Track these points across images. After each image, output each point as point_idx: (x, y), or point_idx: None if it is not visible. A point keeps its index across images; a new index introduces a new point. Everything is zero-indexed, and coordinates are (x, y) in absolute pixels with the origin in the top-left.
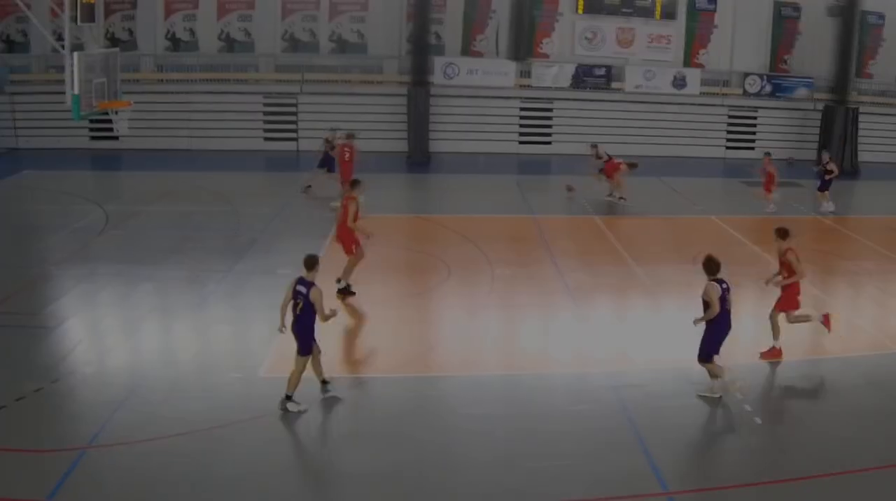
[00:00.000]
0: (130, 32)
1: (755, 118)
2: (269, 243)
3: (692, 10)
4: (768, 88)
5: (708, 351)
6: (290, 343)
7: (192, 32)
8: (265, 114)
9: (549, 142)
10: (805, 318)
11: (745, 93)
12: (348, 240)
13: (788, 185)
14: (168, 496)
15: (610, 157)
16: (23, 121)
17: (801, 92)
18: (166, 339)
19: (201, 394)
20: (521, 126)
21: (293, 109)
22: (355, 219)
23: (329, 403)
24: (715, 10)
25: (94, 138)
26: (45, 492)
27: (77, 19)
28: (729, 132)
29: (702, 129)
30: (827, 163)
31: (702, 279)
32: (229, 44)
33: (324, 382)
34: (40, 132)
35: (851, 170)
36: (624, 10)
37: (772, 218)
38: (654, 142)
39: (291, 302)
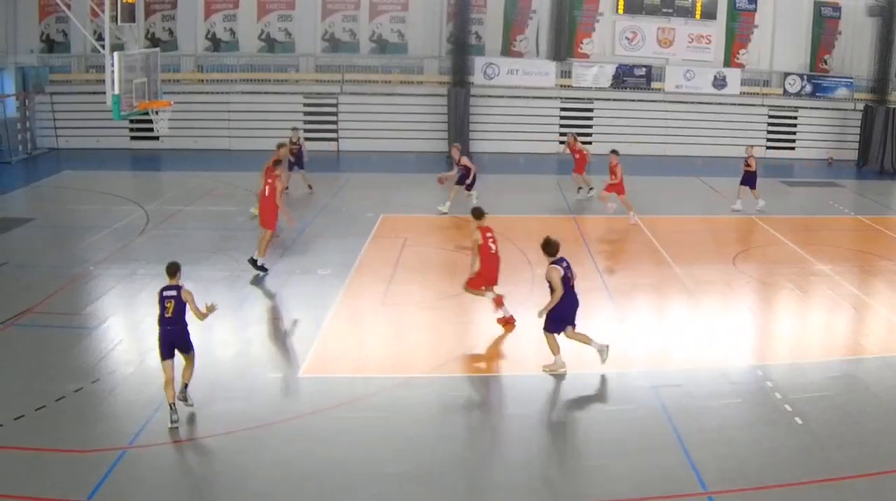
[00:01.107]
0: (171, 32)
1: (795, 118)
2: (308, 243)
3: (732, 10)
4: (808, 88)
5: (552, 325)
6: (330, 343)
7: (232, 32)
8: (305, 114)
9: (589, 142)
10: (480, 293)
11: (786, 93)
12: (271, 216)
13: (828, 185)
14: (207, 496)
15: (581, 150)
16: (63, 121)
17: (842, 92)
18: (206, 339)
19: (241, 394)
20: (562, 126)
21: (333, 109)
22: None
23: (369, 403)
24: (755, 10)
25: (134, 138)
26: (85, 492)
27: (117, 19)
28: (769, 132)
29: (742, 129)
30: (748, 158)
31: (741, 279)
32: (269, 44)
33: (185, 387)
34: (80, 132)
35: (893, 171)
36: (664, 10)
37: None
38: (694, 142)
39: (160, 311)
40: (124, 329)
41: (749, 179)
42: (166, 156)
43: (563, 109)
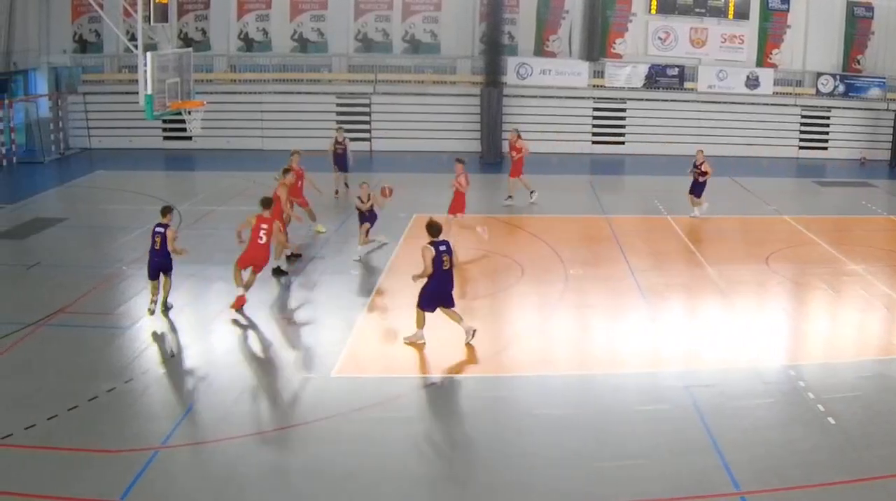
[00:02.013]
0: (203, 32)
1: (828, 118)
2: (341, 243)
3: (765, 10)
4: (841, 88)
5: (425, 303)
6: (361, 343)
7: (264, 33)
8: (338, 114)
9: (622, 142)
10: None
11: (818, 93)
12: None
13: (860, 185)
14: (240, 496)
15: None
16: (95, 122)
17: (875, 92)
18: (238, 339)
19: (273, 394)
20: (594, 126)
21: (366, 110)
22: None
23: (400, 404)
24: (788, 10)
25: (166, 138)
26: (118, 492)
27: (150, 19)
28: (802, 132)
29: (775, 129)
30: (702, 163)
31: (774, 279)
32: (302, 44)
33: (166, 298)
34: (113, 132)
35: None
36: (697, 10)
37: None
38: (727, 142)
39: (150, 243)
40: (157, 328)
41: (700, 187)
42: (199, 156)
43: (595, 109)
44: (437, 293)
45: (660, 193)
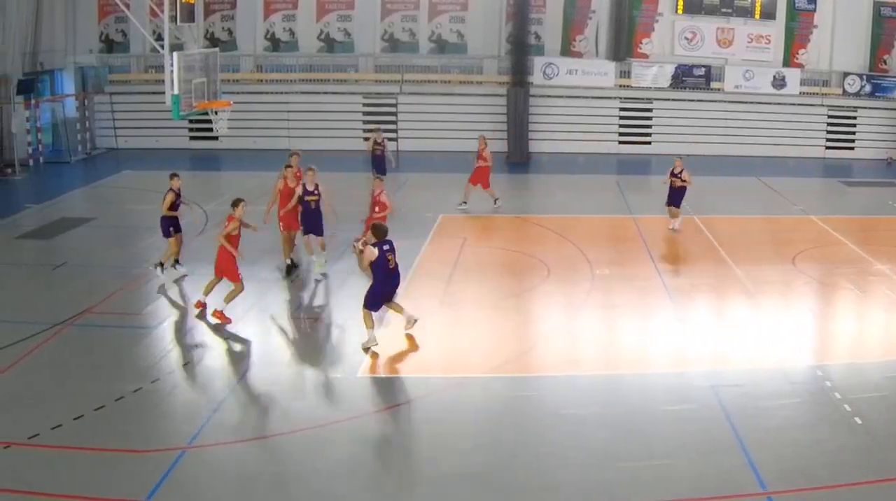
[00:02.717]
0: (230, 32)
1: (855, 118)
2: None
3: (792, 10)
4: (868, 88)
5: (370, 303)
6: (388, 343)
7: (291, 32)
8: (364, 114)
9: (648, 142)
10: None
11: (845, 93)
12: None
13: (887, 185)
14: (266, 496)
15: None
16: (122, 121)
17: None
18: (265, 339)
19: (300, 395)
20: (621, 126)
21: (393, 109)
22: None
23: (427, 404)
24: (814, 10)
25: (193, 138)
26: (145, 492)
27: (177, 19)
28: (828, 132)
29: (801, 129)
30: (681, 171)
31: (800, 279)
32: (329, 44)
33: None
34: (139, 132)
35: None
36: (723, 9)
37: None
38: (754, 142)
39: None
40: (184, 328)
41: (678, 196)
42: (225, 156)
43: (622, 109)
44: (381, 293)
45: (686, 193)
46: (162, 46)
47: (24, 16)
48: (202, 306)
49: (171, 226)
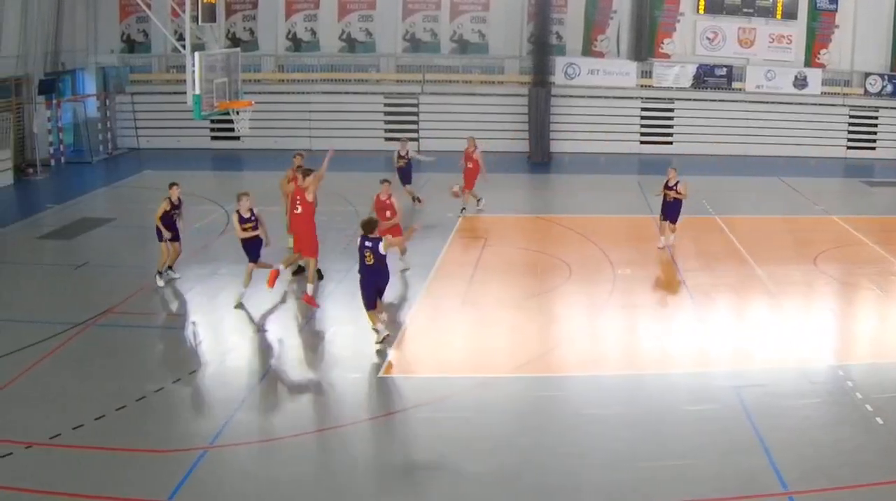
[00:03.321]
0: (251, 32)
1: (876, 118)
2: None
3: (813, 10)
4: (889, 88)
5: (364, 301)
6: (410, 343)
7: (312, 32)
8: (386, 114)
9: (670, 142)
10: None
11: (866, 93)
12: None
13: None
14: (288, 495)
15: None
16: (143, 121)
17: None
18: (286, 339)
19: (321, 394)
20: (643, 126)
21: (414, 110)
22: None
23: (450, 404)
24: (836, 10)
25: (214, 138)
26: (166, 492)
27: (198, 19)
28: (850, 132)
29: (823, 129)
30: (676, 183)
31: (822, 279)
32: (350, 44)
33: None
34: (161, 132)
35: None
36: (745, 9)
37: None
38: (775, 142)
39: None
40: (204, 328)
41: (673, 210)
42: (247, 156)
43: (643, 109)
44: (365, 286)
45: (708, 193)
46: (183, 46)
47: (45, 16)
48: (276, 275)
49: (161, 232)
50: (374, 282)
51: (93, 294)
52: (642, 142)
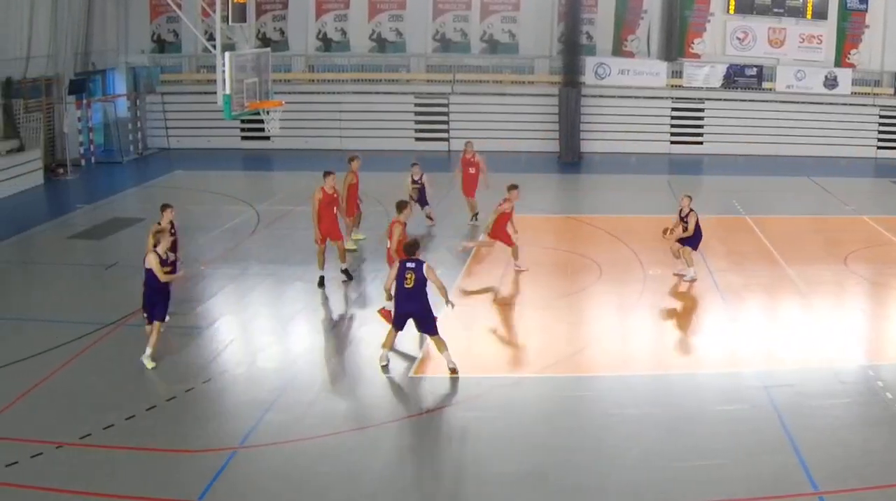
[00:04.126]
0: (282, 32)
1: None
2: (420, 242)
3: (843, 10)
4: None
5: (393, 320)
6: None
7: (343, 32)
8: (416, 114)
9: (700, 142)
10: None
11: None
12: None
13: None
14: (318, 496)
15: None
16: (174, 122)
17: None
18: (316, 339)
19: (352, 394)
20: (673, 126)
21: (444, 109)
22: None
23: (480, 403)
24: (866, 10)
25: (244, 138)
26: (196, 492)
27: (228, 19)
28: (880, 132)
29: (853, 129)
30: (688, 213)
31: (852, 279)
32: (380, 44)
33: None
34: (191, 132)
35: None
36: (775, 9)
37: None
38: (805, 142)
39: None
40: (235, 329)
41: (694, 239)
42: (277, 156)
43: (673, 109)
44: (397, 311)
45: (738, 193)
46: (214, 46)
47: (75, 16)
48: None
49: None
50: (412, 309)
51: (123, 294)
52: (672, 143)
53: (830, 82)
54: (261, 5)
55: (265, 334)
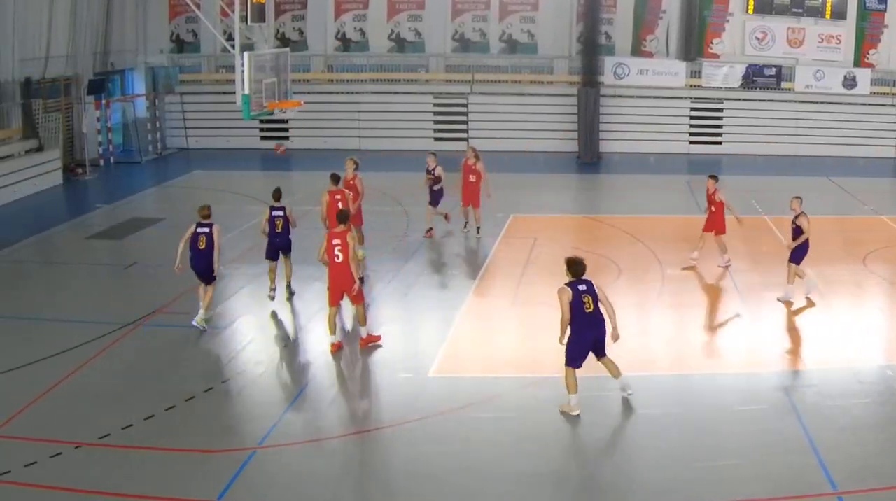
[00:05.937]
0: (301, 32)
1: None
2: (438, 243)
3: (862, 10)
4: None
5: (568, 358)
6: (460, 343)
7: (362, 32)
8: (435, 114)
9: (719, 142)
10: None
11: None
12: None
13: None
14: (337, 496)
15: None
16: (192, 121)
17: None
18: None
19: (371, 394)
20: (692, 126)
21: (463, 110)
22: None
23: (499, 404)
24: (885, 10)
25: (264, 138)
26: (216, 492)
27: (247, 19)
28: None
29: (872, 129)
30: (797, 217)
31: (871, 279)
32: (399, 44)
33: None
34: (210, 132)
35: None
36: (794, 9)
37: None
38: (824, 142)
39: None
40: (254, 329)
41: (800, 252)
42: (296, 156)
43: (692, 109)
44: (579, 342)
45: (757, 193)
46: (233, 46)
47: (94, 16)
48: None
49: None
50: (592, 336)
51: (142, 294)
52: (691, 143)
53: (849, 82)
54: (280, 5)
55: (284, 333)
